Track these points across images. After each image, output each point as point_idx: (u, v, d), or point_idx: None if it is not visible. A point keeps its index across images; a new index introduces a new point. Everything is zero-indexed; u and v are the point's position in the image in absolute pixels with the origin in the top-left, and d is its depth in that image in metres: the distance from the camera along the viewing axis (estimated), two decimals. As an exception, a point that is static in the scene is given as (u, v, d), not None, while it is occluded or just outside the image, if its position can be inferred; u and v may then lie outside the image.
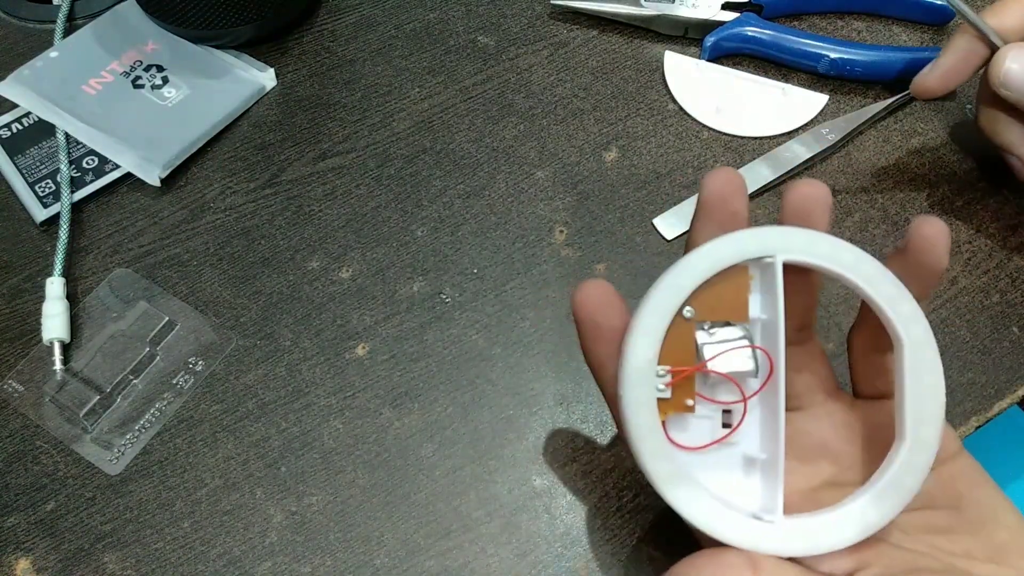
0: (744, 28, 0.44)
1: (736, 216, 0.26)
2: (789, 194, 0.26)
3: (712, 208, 0.26)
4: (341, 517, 0.34)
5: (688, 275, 0.25)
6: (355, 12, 0.47)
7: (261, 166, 0.42)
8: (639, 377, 0.24)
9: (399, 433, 0.35)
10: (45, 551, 0.33)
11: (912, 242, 0.25)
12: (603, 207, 0.41)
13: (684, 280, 0.25)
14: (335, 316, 0.38)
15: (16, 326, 0.38)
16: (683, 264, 0.25)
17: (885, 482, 0.24)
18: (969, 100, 0.44)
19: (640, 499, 0.34)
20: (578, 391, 0.36)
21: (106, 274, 0.39)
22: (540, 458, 0.35)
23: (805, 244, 0.25)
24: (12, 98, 0.42)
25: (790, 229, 0.25)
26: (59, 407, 0.35)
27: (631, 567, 0.33)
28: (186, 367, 0.37)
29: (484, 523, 0.34)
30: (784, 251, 0.25)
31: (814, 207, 0.26)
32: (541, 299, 0.38)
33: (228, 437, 0.35)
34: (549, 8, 0.47)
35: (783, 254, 0.25)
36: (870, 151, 0.43)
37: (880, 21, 0.47)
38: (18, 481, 0.35)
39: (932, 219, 0.25)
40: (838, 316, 0.38)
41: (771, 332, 0.26)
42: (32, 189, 0.40)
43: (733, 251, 0.25)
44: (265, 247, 0.40)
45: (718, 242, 0.25)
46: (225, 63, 0.45)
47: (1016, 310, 0.38)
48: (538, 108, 0.44)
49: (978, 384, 0.36)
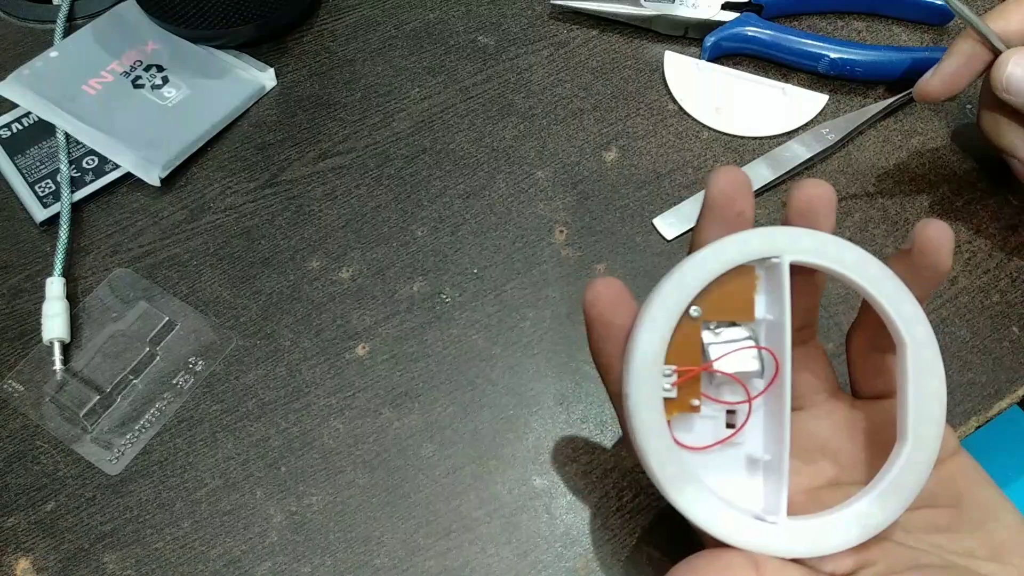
0: (744, 28, 0.44)
1: (742, 216, 0.26)
2: (795, 194, 0.26)
3: (718, 207, 0.26)
4: (341, 517, 0.34)
5: (695, 274, 0.25)
6: (355, 12, 0.47)
7: (261, 166, 0.42)
8: (645, 376, 0.24)
9: (399, 433, 0.35)
10: (45, 551, 0.33)
11: (917, 244, 0.25)
12: (603, 207, 0.41)
13: (691, 279, 0.25)
14: (335, 316, 0.38)
15: (16, 326, 0.38)
16: (690, 263, 0.25)
17: (887, 483, 0.24)
18: (969, 100, 0.44)
19: (640, 499, 0.34)
20: (578, 391, 0.36)
21: (106, 274, 0.39)
22: (540, 458, 0.35)
23: (812, 245, 0.25)
24: (12, 98, 0.42)
25: (797, 230, 0.25)
26: (59, 407, 0.35)
27: (631, 567, 0.33)
28: (186, 367, 0.37)
29: (484, 523, 0.34)
30: (791, 252, 0.25)
31: (820, 208, 0.26)
32: (541, 299, 0.38)
33: (228, 437, 0.35)
34: (549, 8, 0.47)
35: (790, 255, 0.25)
36: (870, 151, 0.43)
37: (880, 21, 0.47)
38: (18, 481, 0.35)
39: (937, 222, 0.25)
40: (838, 316, 0.38)
41: (776, 333, 0.26)
42: (32, 189, 0.40)
43: (740, 251, 0.25)
44: (265, 247, 0.40)
45: (725, 241, 0.25)
46: (225, 63, 0.45)
47: (1016, 310, 0.38)
48: (538, 108, 0.44)
49: (978, 384, 0.36)
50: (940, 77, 0.36)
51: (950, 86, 0.36)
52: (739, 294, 0.25)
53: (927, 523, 0.26)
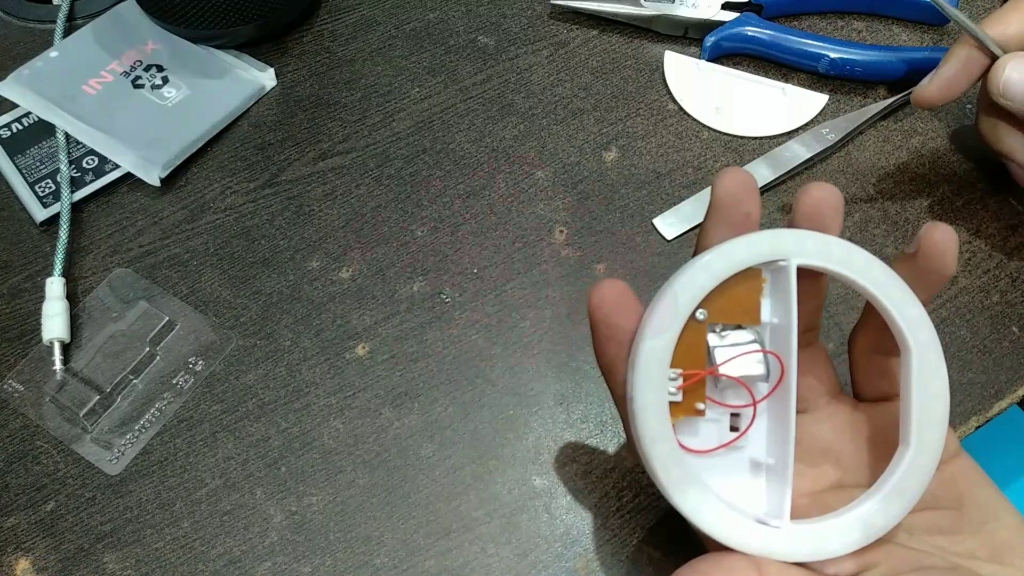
0: (744, 28, 0.44)
1: (749, 217, 0.26)
2: (802, 198, 0.26)
3: (725, 209, 0.26)
4: (341, 517, 0.34)
5: (703, 277, 0.24)
6: (355, 12, 0.47)
7: (261, 166, 0.42)
8: (651, 379, 0.24)
9: (399, 433, 0.35)
10: (45, 551, 0.33)
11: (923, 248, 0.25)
12: (603, 207, 0.41)
13: (699, 281, 0.24)
14: (335, 316, 0.38)
15: (16, 326, 0.38)
16: (698, 265, 0.25)
17: (890, 487, 0.24)
18: (970, 100, 0.44)
19: (640, 499, 0.34)
20: (578, 391, 0.36)
21: (106, 274, 0.39)
22: (540, 458, 0.35)
23: (819, 248, 0.25)
24: (12, 98, 0.42)
25: (804, 232, 0.25)
26: (59, 407, 0.35)
27: (631, 567, 0.33)
28: (186, 367, 0.37)
29: (484, 523, 0.34)
30: (798, 255, 0.25)
31: (827, 211, 0.26)
32: (541, 299, 0.38)
33: (228, 437, 0.35)
34: (549, 8, 0.47)
35: (797, 258, 0.25)
36: (870, 151, 0.43)
37: (880, 21, 0.47)
38: (18, 481, 0.35)
39: (942, 225, 0.25)
40: (838, 316, 0.38)
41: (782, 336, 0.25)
42: (32, 189, 0.40)
43: (748, 253, 0.25)
44: (265, 247, 0.40)
45: (733, 244, 0.25)
46: (225, 63, 0.45)
47: (1016, 310, 0.38)
48: (538, 108, 0.44)
49: (978, 384, 0.36)
50: (937, 83, 0.36)
51: (947, 92, 0.36)
52: (745, 297, 0.25)
53: (929, 525, 0.26)
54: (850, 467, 0.28)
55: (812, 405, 0.29)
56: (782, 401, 0.25)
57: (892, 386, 0.28)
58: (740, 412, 0.26)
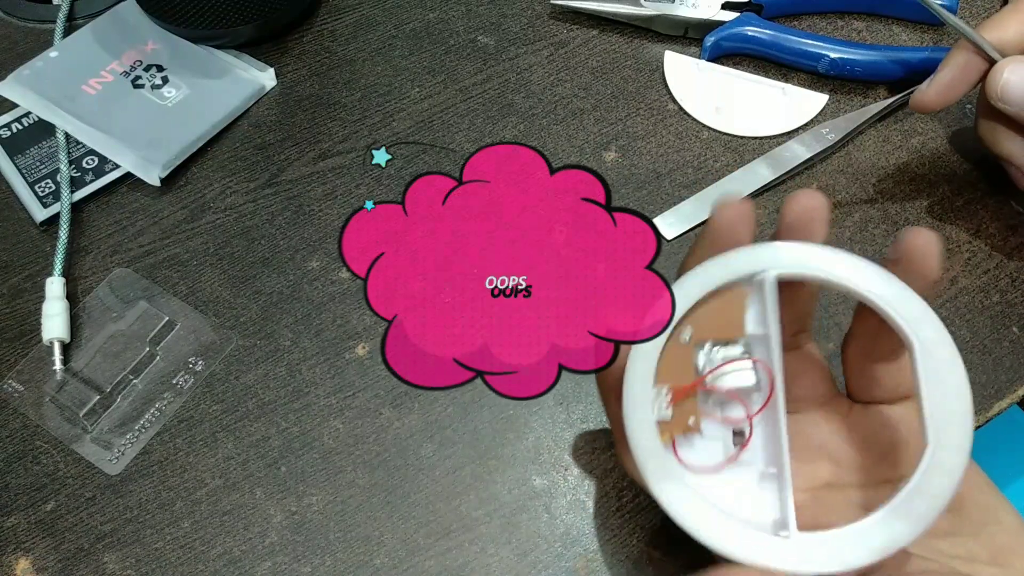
0: (744, 28, 0.44)
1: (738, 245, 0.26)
2: (786, 208, 0.26)
3: (718, 237, 0.26)
4: (341, 517, 0.34)
5: (680, 300, 0.25)
6: (355, 12, 0.47)
7: (261, 166, 0.42)
8: (639, 399, 0.25)
9: (399, 433, 0.35)
10: (45, 551, 0.33)
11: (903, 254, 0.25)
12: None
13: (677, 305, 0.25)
14: (335, 316, 0.38)
15: (16, 326, 0.38)
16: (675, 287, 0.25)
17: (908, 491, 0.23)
18: (970, 100, 0.44)
19: (640, 499, 0.34)
20: (578, 391, 0.36)
21: (106, 274, 0.39)
22: (540, 458, 0.35)
23: (794, 257, 0.25)
24: (12, 98, 0.42)
25: (779, 244, 0.25)
26: (59, 407, 0.35)
27: (631, 567, 0.33)
28: (186, 367, 0.37)
29: (484, 523, 0.34)
30: (774, 266, 0.25)
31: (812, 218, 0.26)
32: (541, 299, 0.38)
33: (228, 437, 0.35)
34: (549, 8, 0.47)
35: (774, 270, 0.25)
36: (870, 151, 0.43)
37: (880, 21, 0.47)
38: (18, 481, 0.35)
39: (921, 230, 0.25)
40: (838, 316, 0.38)
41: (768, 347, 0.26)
42: (32, 189, 0.40)
43: (724, 272, 0.25)
44: (265, 247, 0.40)
45: (709, 264, 0.25)
46: (225, 63, 0.45)
47: (1016, 310, 0.38)
48: (538, 108, 0.44)
49: (978, 384, 0.36)
50: (936, 88, 0.37)
51: (946, 96, 0.37)
52: (729, 312, 0.26)
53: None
54: (845, 465, 0.28)
55: (806, 406, 0.29)
56: (774, 411, 0.26)
57: (885, 392, 0.28)
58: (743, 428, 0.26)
